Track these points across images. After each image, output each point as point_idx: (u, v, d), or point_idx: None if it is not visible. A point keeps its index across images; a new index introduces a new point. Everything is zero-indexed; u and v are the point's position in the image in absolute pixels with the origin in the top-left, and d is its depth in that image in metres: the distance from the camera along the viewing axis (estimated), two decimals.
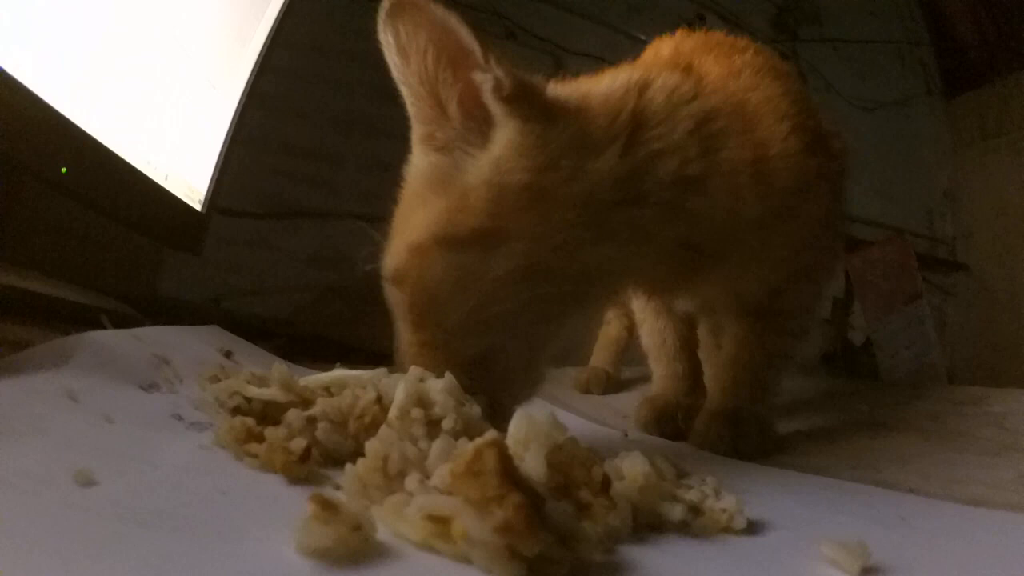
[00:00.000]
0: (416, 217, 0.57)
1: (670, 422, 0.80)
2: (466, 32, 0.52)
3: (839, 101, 1.87)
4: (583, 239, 0.55)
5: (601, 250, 0.56)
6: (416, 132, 0.59)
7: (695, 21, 1.68)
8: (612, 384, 1.14)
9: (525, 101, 0.54)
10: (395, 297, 0.57)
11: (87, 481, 0.39)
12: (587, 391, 1.12)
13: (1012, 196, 1.73)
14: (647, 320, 0.89)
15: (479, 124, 0.55)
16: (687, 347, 0.87)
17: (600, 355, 1.17)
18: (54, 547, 0.31)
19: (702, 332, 0.88)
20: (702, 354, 0.88)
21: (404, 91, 0.57)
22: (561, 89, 0.60)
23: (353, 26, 1.28)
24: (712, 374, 0.81)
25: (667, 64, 0.67)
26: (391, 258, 0.57)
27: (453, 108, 0.55)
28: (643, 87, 0.61)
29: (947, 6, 1.95)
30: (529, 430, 0.36)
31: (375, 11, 0.55)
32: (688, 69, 0.65)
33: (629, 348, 1.13)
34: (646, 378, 0.99)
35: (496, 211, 0.53)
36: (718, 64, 0.67)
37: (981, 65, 1.88)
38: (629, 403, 0.98)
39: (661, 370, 0.88)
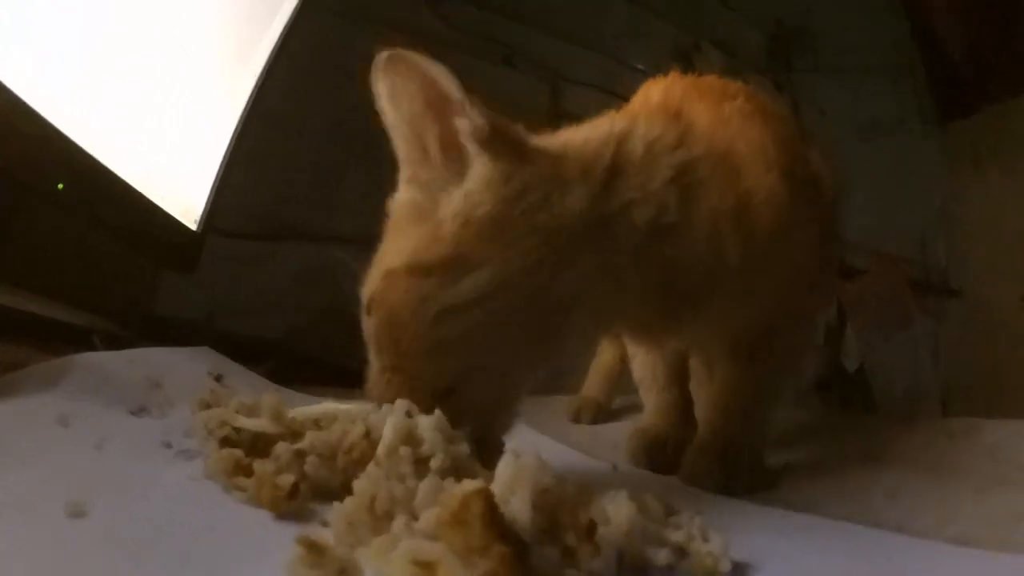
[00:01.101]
0: (393, 247, 0.60)
1: (660, 454, 0.79)
2: (450, 81, 0.56)
3: (833, 127, 1.88)
4: (547, 268, 0.57)
5: (566, 280, 0.58)
6: (403, 173, 0.62)
7: (691, 50, 1.69)
8: (603, 414, 1.13)
9: (500, 142, 0.58)
10: (367, 325, 0.59)
11: (77, 512, 0.40)
12: (577, 420, 1.11)
13: (1006, 221, 1.73)
14: (638, 352, 0.89)
15: (457, 164, 0.58)
16: (678, 379, 0.87)
17: (592, 384, 1.16)
18: None
19: (694, 364, 0.87)
20: (693, 386, 0.88)
21: (393, 135, 0.61)
22: (543, 139, 0.63)
23: (354, 47, 1.28)
24: (702, 407, 0.81)
25: (656, 109, 0.69)
26: (367, 286, 0.60)
27: (435, 149, 0.59)
28: (622, 138, 0.63)
29: (941, 33, 1.96)
30: (516, 473, 0.36)
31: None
32: (677, 115, 0.67)
33: (622, 377, 1.13)
34: (637, 407, 0.98)
35: (462, 240, 0.56)
36: (707, 111, 0.68)
37: (975, 91, 1.89)
38: (620, 433, 0.98)
39: (651, 401, 0.87)
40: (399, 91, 0.58)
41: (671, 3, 1.74)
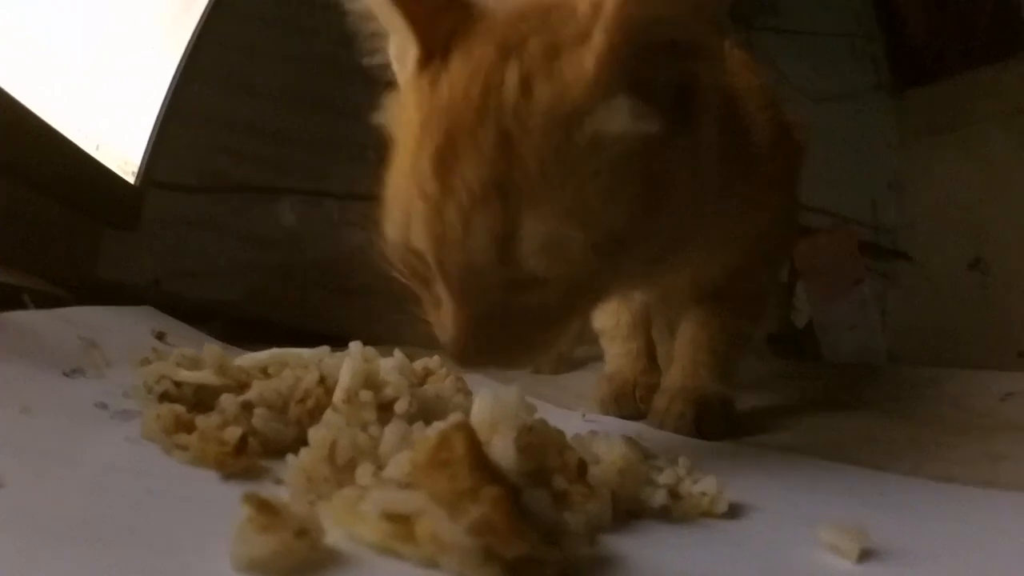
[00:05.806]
0: None
1: (628, 401, 0.78)
2: None
3: (791, 91, 1.87)
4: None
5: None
6: None
7: None
8: (564, 364, 1.11)
9: None
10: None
11: None
12: (538, 371, 1.08)
13: (955, 190, 1.77)
14: None
15: None
16: (641, 325, 0.85)
17: None
18: None
19: (655, 311, 0.86)
20: (655, 333, 0.87)
21: None
22: None
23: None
24: (670, 353, 0.79)
25: None
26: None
27: None
28: None
29: (900, 3, 1.98)
30: (495, 411, 0.32)
31: None
32: None
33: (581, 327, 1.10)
34: (597, 357, 0.96)
35: None
36: None
37: (931, 62, 1.91)
38: (583, 383, 0.96)
39: (616, 349, 0.85)
40: None
41: None
